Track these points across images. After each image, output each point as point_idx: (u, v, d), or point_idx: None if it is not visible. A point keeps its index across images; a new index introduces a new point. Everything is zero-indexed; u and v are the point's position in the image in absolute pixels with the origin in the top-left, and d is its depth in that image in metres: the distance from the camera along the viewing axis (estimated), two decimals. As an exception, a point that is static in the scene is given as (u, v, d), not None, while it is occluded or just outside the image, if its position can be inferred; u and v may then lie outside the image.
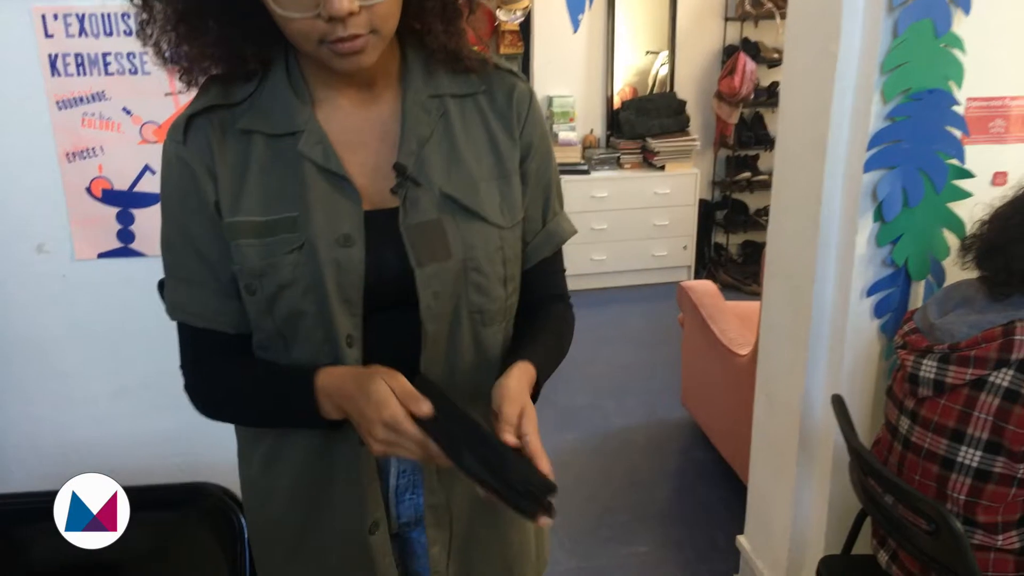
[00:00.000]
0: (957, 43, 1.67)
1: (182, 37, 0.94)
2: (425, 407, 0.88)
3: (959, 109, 1.71)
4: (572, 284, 1.17)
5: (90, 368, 1.63)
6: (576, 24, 1.67)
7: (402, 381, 0.90)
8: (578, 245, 4.75)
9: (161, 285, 1.05)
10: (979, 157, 1.76)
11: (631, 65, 5.15)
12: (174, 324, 1.07)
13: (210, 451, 1.72)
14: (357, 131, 1.00)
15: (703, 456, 3.15)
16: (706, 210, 5.14)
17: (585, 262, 4.81)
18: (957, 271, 1.81)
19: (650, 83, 5.19)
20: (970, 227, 1.64)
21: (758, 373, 2.25)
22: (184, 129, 0.97)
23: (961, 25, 1.67)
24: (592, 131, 5.06)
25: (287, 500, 1.08)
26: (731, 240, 5.30)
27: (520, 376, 0.97)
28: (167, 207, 1.02)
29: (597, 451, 3.23)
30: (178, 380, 1.08)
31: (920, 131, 1.70)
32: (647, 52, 5.16)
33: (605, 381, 3.79)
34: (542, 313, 1.13)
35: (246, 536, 1.26)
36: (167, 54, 0.96)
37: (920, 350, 1.54)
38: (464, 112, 1.03)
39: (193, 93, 0.99)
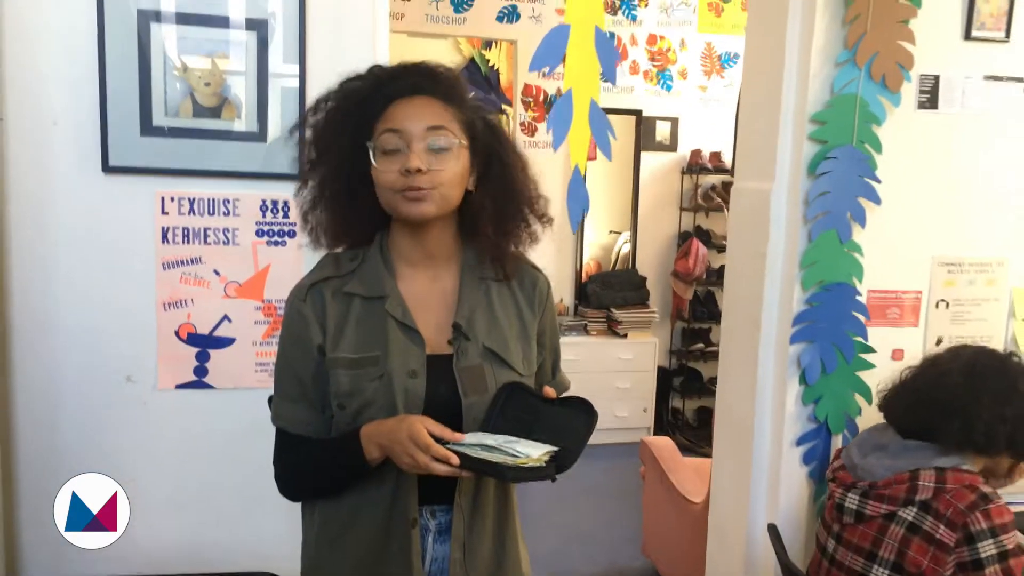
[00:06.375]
0: (857, 248, 2.15)
1: (329, 214, 1.40)
2: (448, 433, 1.27)
3: (862, 299, 2.17)
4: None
5: (155, 479, 1.93)
6: (575, 225, 2.13)
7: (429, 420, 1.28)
8: (547, 403, 5.08)
9: (270, 400, 1.43)
10: (880, 337, 2.20)
11: (595, 242, 5.75)
12: (231, 448, 1.40)
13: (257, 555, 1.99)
14: (426, 298, 1.41)
15: (662, 600, 3.39)
16: (664, 376, 5.52)
17: (553, 420, 5.13)
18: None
19: (612, 259, 5.76)
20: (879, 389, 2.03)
21: (710, 514, 2.59)
22: (307, 292, 1.38)
23: (860, 235, 2.14)
24: (562, 300, 5.49)
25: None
26: (687, 405, 5.66)
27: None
28: (283, 345, 1.41)
29: (564, 594, 3.46)
30: (232, 496, 1.38)
31: (832, 314, 2.15)
32: (610, 232, 5.78)
33: (570, 529, 4.05)
34: None
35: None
36: (319, 238, 1.41)
37: (846, 485, 1.90)
38: (500, 290, 1.46)
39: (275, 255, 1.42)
